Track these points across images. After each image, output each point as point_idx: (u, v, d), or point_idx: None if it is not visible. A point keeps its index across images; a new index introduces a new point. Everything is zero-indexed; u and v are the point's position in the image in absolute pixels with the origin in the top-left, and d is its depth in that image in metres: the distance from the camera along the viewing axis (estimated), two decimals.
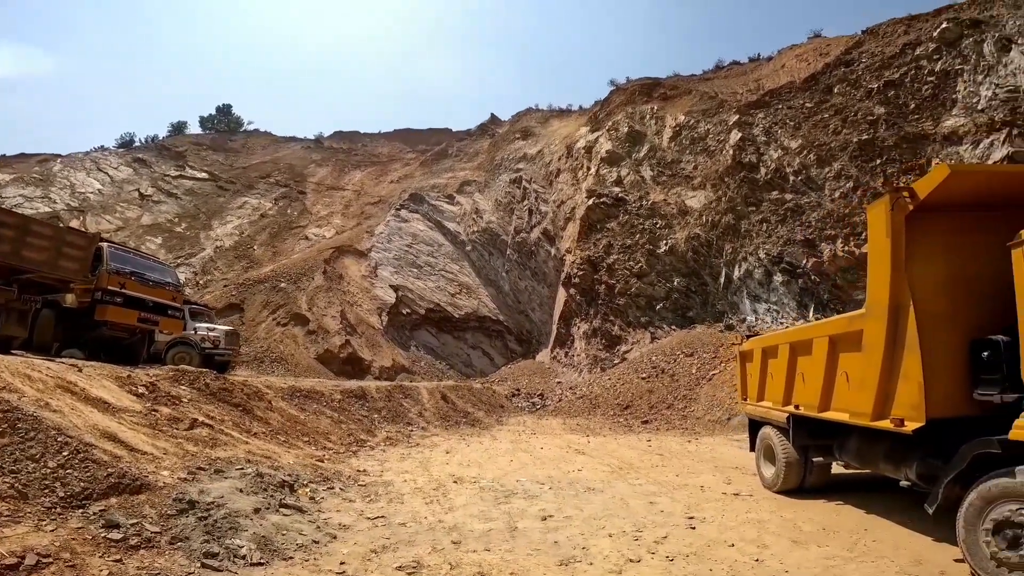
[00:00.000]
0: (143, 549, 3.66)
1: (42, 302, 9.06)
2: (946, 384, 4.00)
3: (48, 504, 3.75)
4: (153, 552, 3.67)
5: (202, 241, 35.57)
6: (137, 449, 4.75)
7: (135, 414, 5.68)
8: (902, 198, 4.16)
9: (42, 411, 4.39)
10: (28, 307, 8.68)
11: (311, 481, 5.89)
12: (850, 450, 5.60)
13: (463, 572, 4.06)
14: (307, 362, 23.49)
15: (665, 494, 6.73)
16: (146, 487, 4.23)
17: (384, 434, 11.42)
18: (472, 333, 30.37)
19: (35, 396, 4.62)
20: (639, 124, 27.22)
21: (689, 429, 14.96)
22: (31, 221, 9.39)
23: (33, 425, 4.14)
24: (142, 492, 4.19)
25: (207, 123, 52.81)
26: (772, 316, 19.27)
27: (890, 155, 17.52)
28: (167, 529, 3.93)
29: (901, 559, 4.22)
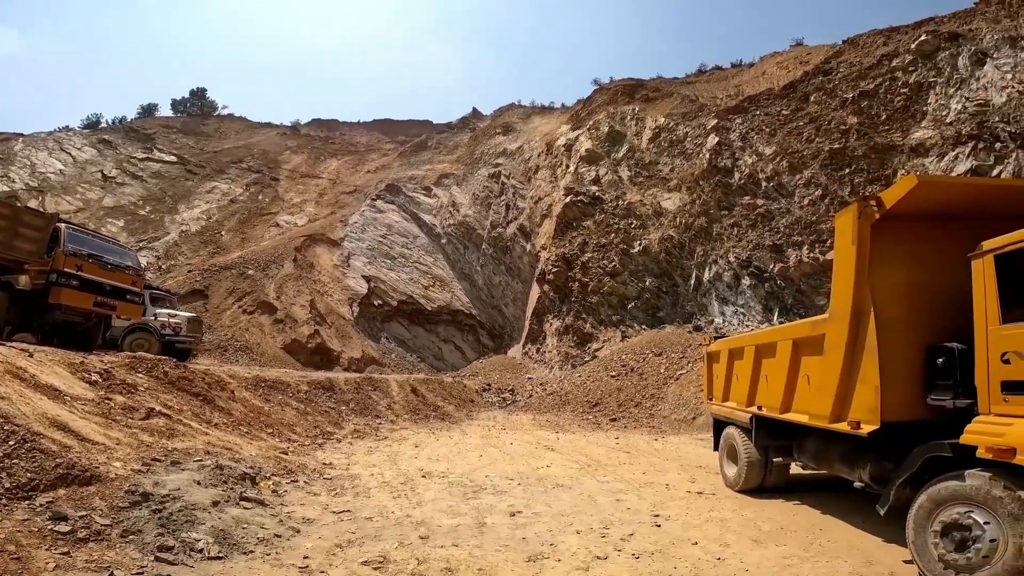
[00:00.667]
0: (92, 542, 3.51)
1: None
2: (901, 388, 4.12)
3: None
4: (103, 545, 3.52)
5: (167, 225, 34.34)
6: (88, 439, 4.54)
7: (87, 402, 5.42)
8: (869, 207, 4.23)
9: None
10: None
11: (274, 474, 5.74)
12: (808, 451, 5.74)
13: (431, 568, 4.02)
14: (273, 351, 22.94)
15: (632, 492, 6.81)
16: (96, 478, 4.05)
17: (352, 427, 11.25)
18: (444, 326, 30.19)
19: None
20: (620, 124, 27.40)
21: (656, 427, 15.18)
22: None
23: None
24: (92, 484, 4.01)
25: (179, 106, 51.27)
26: (739, 319, 19.70)
27: (859, 165, 17.96)
28: (118, 522, 3.77)
29: (854, 559, 4.33)
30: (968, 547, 3.51)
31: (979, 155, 15.52)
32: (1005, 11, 17.47)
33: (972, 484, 3.52)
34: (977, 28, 17.62)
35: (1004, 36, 16.26)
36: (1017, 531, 3.25)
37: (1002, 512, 3.33)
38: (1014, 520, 3.27)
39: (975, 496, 3.50)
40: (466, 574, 3.95)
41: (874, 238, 4.26)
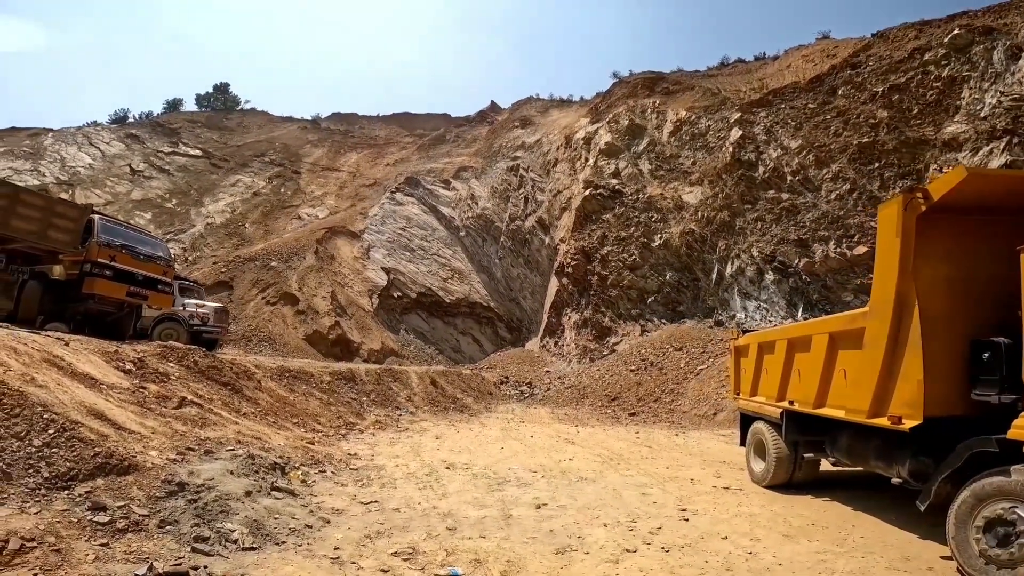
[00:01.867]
0: (131, 532, 3.55)
1: (29, 273, 8.83)
2: (945, 384, 4.05)
3: (32, 485, 3.62)
4: (141, 536, 3.56)
5: (192, 218, 35.07)
6: (124, 428, 4.64)
7: (122, 391, 5.55)
8: (916, 199, 4.16)
9: (27, 386, 4.24)
10: (15, 278, 8.47)
11: (302, 464, 5.82)
12: (841, 447, 5.65)
13: (459, 559, 4.04)
14: (295, 342, 23.30)
15: (656, 486, 6.77)
16: (134, 468, 4.12)
17: (373, 417, 11.36)
18: (463, 319, 30.32)
19: (21, 370, 4.47)
20: (640, 118, 27.05)
21: (676, 423, 15.05)
22: (22, 190, 9.14)
23: (18, 401, 4.00)
24: (130, 473, 4.07)
25: (203, 101, 52.14)
26: (761, 314, 19.39)
27: (889, 159, 17.49)
28: (155, 512, 3.82)
29: (889, 555, 4.29)
30: (1011, 542, 3.47)
31: (1014, 150, 15.07)
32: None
33: (1018, 480, 3.48)
34: (1012, 22, 17.04)
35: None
36: None
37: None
38: None
39: (1021, 492, 3.45)
40: (494, 566, 3.96)
41: (919, 231, 4.17)
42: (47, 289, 9.28)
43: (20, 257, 8.82)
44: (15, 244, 8.48)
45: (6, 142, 37.50)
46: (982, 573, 3.62)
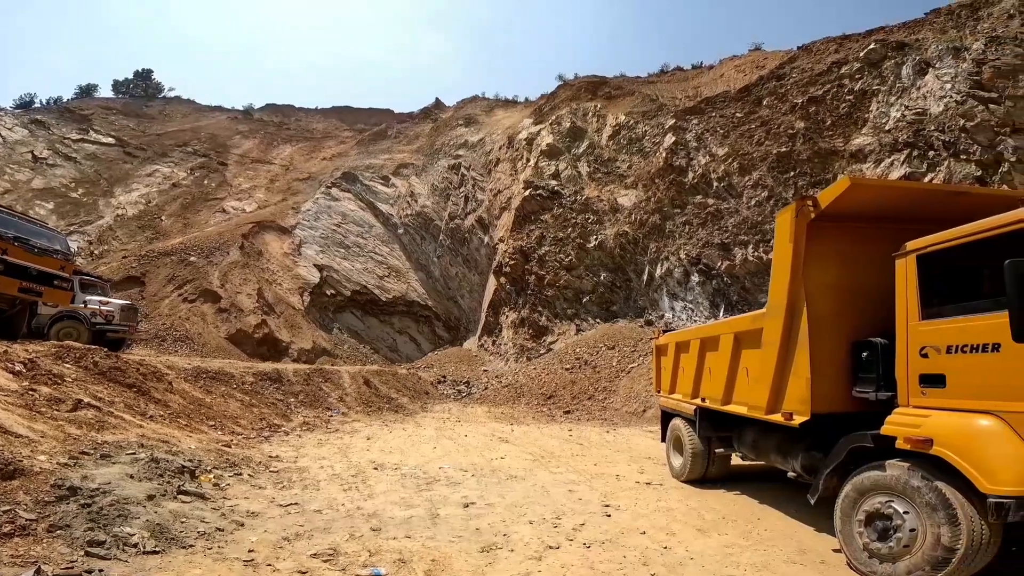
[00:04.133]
0: (17, 537, 3.30)
1: None
2: (830, 382, 4.28)
3: None
4: (29, 540, 3.31)
5: (101, 209, 32.25)
6: (10, 432, 4.20)
7: (10, 393, 5.02)
8: (806, 207, 4.36)
9: None
10: None
11: (215, 467, 5.49)
12: (747, 442, 5.93)
13: (383, 559, 3.96)
14: (217, 342, 21.94)
15: (584, 483, 6.92)
16: (20, 473, 3.76)
17: (301, 419, 10.92)
18: (399, 317, 29.75)
19: None
20: (581, 120, 27.67)
21: (608, 420, 15.43)
22: None
23: None
24: (15, 478, 3.73)
25: (121, 87, 48.15)
26: (687, 314, 20.33)
27: (803, 168, 18.63)
28: (44, 516, 3.55)
29: (788, 548, 4.50)
30: (890, 536, 3.60)
31: (912, 162, 16.22)
32: (952, 22, 18.15)
33: (892, 474, 3.63)
34: (924, 38, 18.08)
35: (948, 47, 16.77)
36: (934, 521, 3.35)
37: (920, 502, 3.44)
38: (931, 510, 3.38)
39: (895, 486, 3.60)
40: (419, 565, 3.91)
41: (809, 237, 4.38)
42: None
43: None
44: None
45: None
46: (866, 567, 3.76)
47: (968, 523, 3.24)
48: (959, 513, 3.26)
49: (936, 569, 3.34)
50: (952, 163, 15.51)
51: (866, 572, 3.75)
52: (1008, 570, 3.65)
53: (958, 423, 3.37)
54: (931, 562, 3.35)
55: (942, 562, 3.31)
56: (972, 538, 3.23)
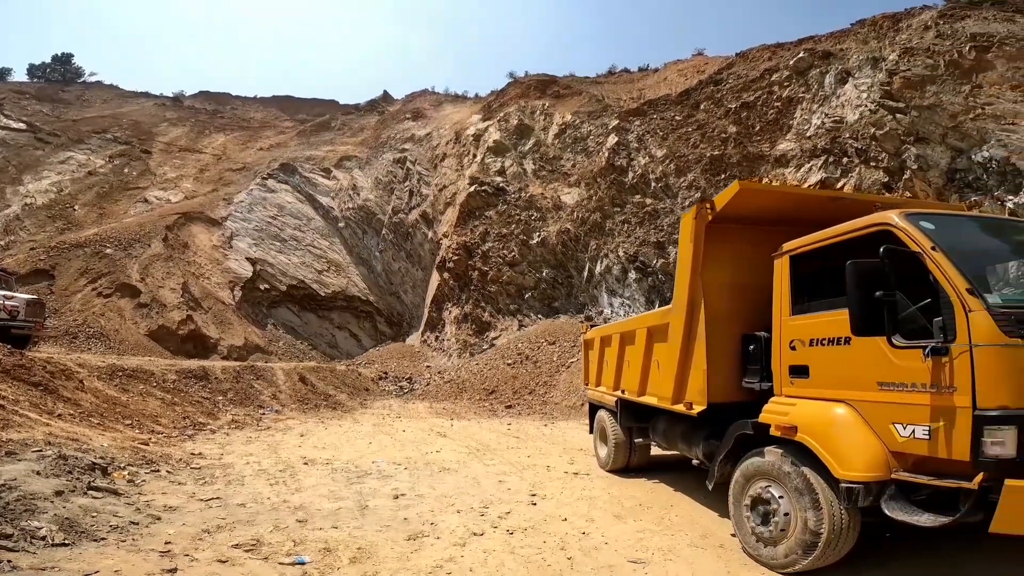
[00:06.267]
0: None
1: None
2: (724, 374, 4.59)
3: None
4: None
5: (8, 197, 29.46)
6: None
7: None
8: (704, 209, 4.61)
9: None
10: None
11: (130, 464, 5.27)
12: (659, 431, 6.21)
13: (308, 548, 3.98)
14: (136, 339, 20.59)
15: (515, 474, 7.11)
16: None
17: (229, 417, 10.54)
18: (339, 313, 29.03)
19: None
20: (529, 118, 27.96)
21: (548, 414, 15.71)
22: None
23: None
24: None
25: (37, 71, 44.13)
26: (625, 310, 21.04)
27: (733, 171, 19.49)
28: None
29: (693, 532, 4.75)
30: (770, 520, 3.78)
31: (828, 168, 17.06)
32: (875, 32, 19.00)
33: (769, 460, 3.84)
34: (848, 48, 18.89)
35: (868, 56, 17.72)
36: (802, 505, 3.53)
37: (790, 487, 3.63)
38: (799, 495, 3.56)
39: (771, 471, 3.81)
40: (344, 553, 3.97)
41: (707, 238, 4.63)
42: None
43: None
44: None
45: None
46: (754, 550, 3.93)
47: (829, 508, 3.42)
48: (820, 498, 3.47)
49: (806, 553, 3.52)
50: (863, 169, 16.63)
51: (754, 555, 3.97)
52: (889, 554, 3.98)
53: (817, 411, 3.65)
54: (802, 545, 3.54)
55: (810, 546, 3.49)
56: (833, 523, 3.41)
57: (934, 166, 15.15)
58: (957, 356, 2.92)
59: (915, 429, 3.12)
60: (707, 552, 4.30)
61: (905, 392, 3.18)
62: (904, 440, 3.18)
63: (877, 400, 3.34)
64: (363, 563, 3.83)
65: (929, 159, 15.23)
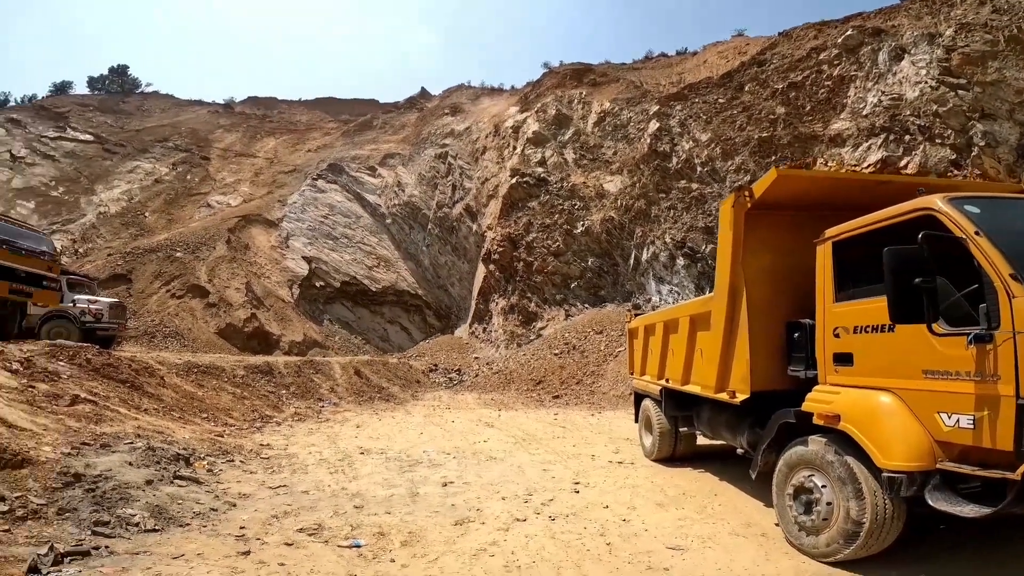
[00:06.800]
0: (30, 520, 3.63)
1: None
2: (768, 361, 4.56)
3: None
4: (40, 522, 3.64)
5: (83, 207, 32.08)
6: (15, 425, 4.52)
7: (11, 391, 5.31)
8: (743, 196, 4.58)
9: None
10: None
11: (208, 455, 5.81)
12: (703, 420, 6.22)
13: (363, 532, 4.30)
14: (207, 337, 22.14)
15: (559, 463, 7.27)
16: (28, 462, 4.11)
17: (292, 409, 11.23)
18: (390, 307, 30.01)
19: None
20: (567, 108, 27.86)
21: (595, 404, 15.70)
22: None
23: None
24: (24, 467, 4.07)
25: (97, 84, 47.50)
26: (674, 296, 20.72)
27: (784, 153, 18.91)
28: (53, 501, 3.88)
29: (735, 521, 4.76)
30: (812, 509, 3.78)
31: (889, 146, 16.41)
32: (927, 8, 18.20)
33: (812, 449, 3.83)
34: (899, 24, 18.23)
35: (923, 33, 16.95)
36: (845, 494, 3.51)
37: (833, 476, 3.61)
38: (842, 484, 3.54)
39: (814, 461, 3.79)
40: (396, 537, 4.26)
41: (747, 225, 4.62)
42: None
43: None
44: None
45: None
46: (796, 539, 3.93)
47: (872, 497, 3.41)
48: (864, 487, 3.46)
49: (848, 543, 3.52)
50: (928, 147, 15.82)
51: (796, 545, 3.97)
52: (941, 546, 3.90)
53: (861, 399, 3.62)
54: (843, 535, 3.54)
55: (852, 535, 3.49)
56: (876, 512, 3.40)
57: (1003, 142, 14.29)
58: (1001, 343, 2.85)
59: (960, 418, 3.08)
60: (748, 540, 4.32)
61: (950, 380, 3.12)
62: (949, 430, 3.14)
63: (922, 388, 3.29)
64: (413, 546, 4.11)
65: (997, 135, 14.40)
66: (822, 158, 18.05)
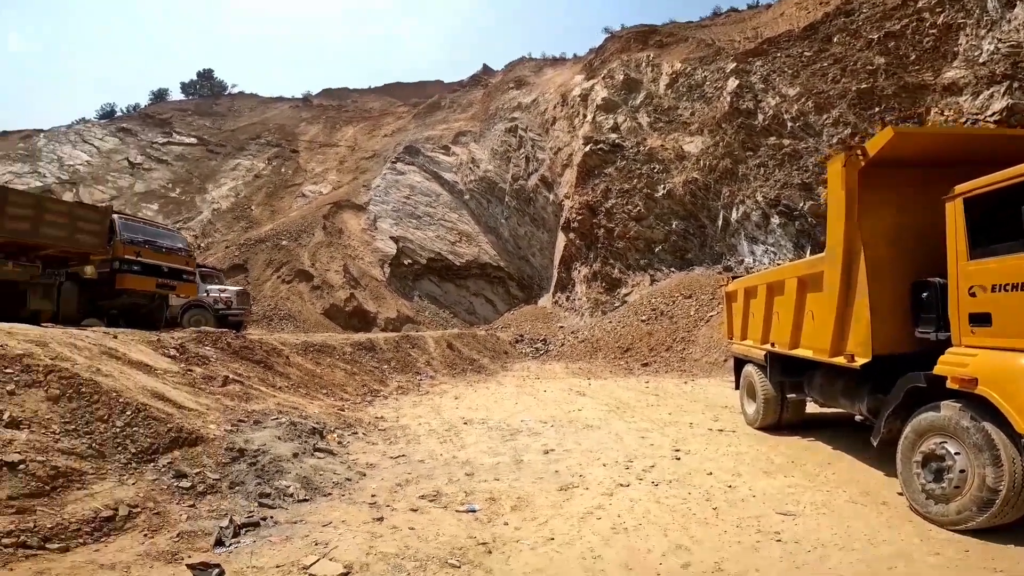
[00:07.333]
0: (209, 495, 4.19)
1: (64, 275, 9.51)
2: (891, 323, 4.34)
3: (124, 460, 4.28)
4: (217, 496, 4.20)
5: (198, 205, 35.76)
6: (184, 406, 5.32)
7: (174, 374, 6.25)
8: (855, 155, 4.42)
9: (97, 376, 4.91)
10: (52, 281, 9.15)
11: (336, 428, 6.54)
12: (816, 386, 5.96)
13: (477, 497, 4.68)
14: (315, 317, 24.20)
15: (656, 430, 7.32)
16: (200, 440, 4.78)
17: (395, 384, 12.11)
18: (474, 280, 30.98)
19: (86, 363, 5.13)
20: (635, 72, 27.08)
21: (687, 371, 15.39)
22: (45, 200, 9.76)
23: (94, 389, 4.67)
24: (198, 444, 4.73)
25: (189, 89, 52.10)
26: (770, 257, 19.68)
27: (889, 104, 17.86)
28: (225, 476, 4.48)
29: (852, 490, 4.62)
30: (943, 477, 3.67)
31: (1014, 94, 15.31)
32: None
33: (945, 415, 3.68)
34: None
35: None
36: (981, 462, 3.39)
37: (969, 443, 3.48)
38: (978, 451, 3.42)
39: (947, 427, 3.65)
40: (507, 502, 4.59)
41: (862, 183, 4.45)
42: (82, 288, 10.01)
43: (54, 262, 9.51)
44: (48, 250, 9.14)
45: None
46: (923, 507, 3.84)
47: (1010, 465, 3.28)
48: (1002, 454, 3.30)
49: (982, 511, 3.42)
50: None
51: (923, 513, 3.86)
52: None
53: (1001, 362, 3.40)
54: (977, 503, 3.43)
55: (987, 503, 3.39)
56: (1014, 480, 3.27)
57: None
58: None
59: None
60: (867, 508, 4.23)
61: None
62: None
63: None
64: (523, 511, 4.41)
65: None
66: (936, 108, 16.60)
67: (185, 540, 3.52)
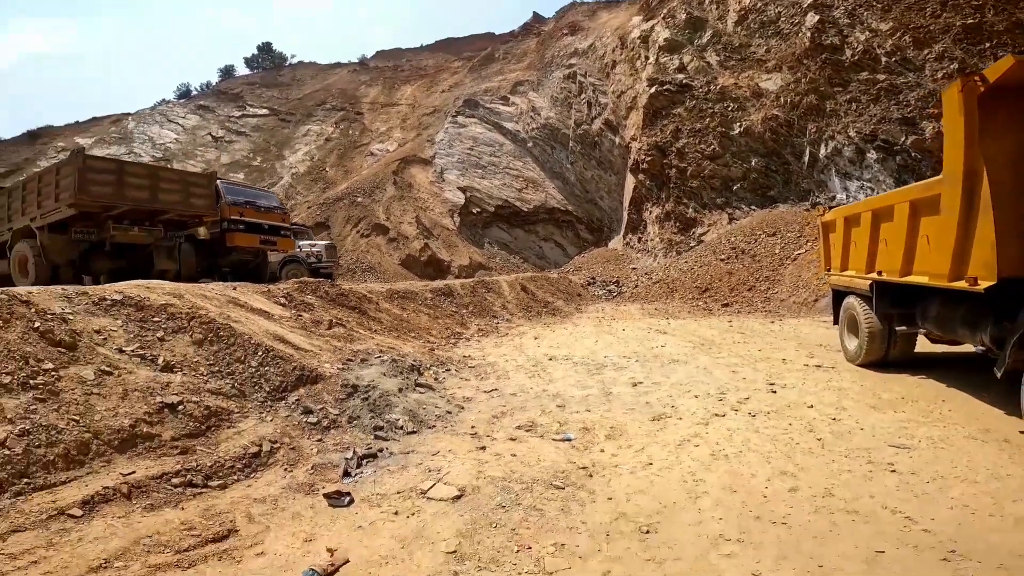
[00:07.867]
0: (332, 429, 4.57)
1: (184, 237, 10.52)
2: (1016, 245, 4.04)
3: (261, 399, 4.74)
4: (339, 430, 4.58)
5: (279, 171, 37.82)
6: (301, 347, 5.86)
7: (288, 319, 6.86)
8: (972, 82, 4.33)
9: (229, 322, 5.51)
10: (173, 243, 10.15)
11: (432, 365, 6.97)
12: (931, 316, 5.58)
13: (571, 427, 4.90)
14: (393, 268, 25.33)
15: (747, 365, 7.17)
16: (320, 378, 5.25)
17: (475, 327, 12.53)
18: (543, 225, 30.97)
19: (217, 311, 5.74)
20: (698, 10, 25.19)
21: (772, 311, 14.77)
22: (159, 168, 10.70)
23: (230, 333, 5.24)
24: (318, 382, 5.16)
25: (252, 63, 53.86)
26: (865, 193, 18.22)
27: (1001, 39, 15.77)
28: (343, 411, 4.87)
29: (971, 426, 4.40)
30: None
31: None
32: None
33: None
34: None
35: None
36: None
37: None
38: None
39: None
40: (600, 431, 4.77)
41: (982, 108, 4.32)
42: (198, 248, 11.05)
43: (171, 225, 10.51)
44: (167, 215, 10.10)
45: (93, 132, 41.33)
46: None
47: None
48: None
49: None
50: None
51: None
52: None
53: None
54: None
55: None
56: None
57: None
58: None
59: None
60: (987, 444, 4.01)
61: None
62: None
63: None
64: (617, 439, 4.56)
65: None
66: None
67: (318, 472, 3.87)
